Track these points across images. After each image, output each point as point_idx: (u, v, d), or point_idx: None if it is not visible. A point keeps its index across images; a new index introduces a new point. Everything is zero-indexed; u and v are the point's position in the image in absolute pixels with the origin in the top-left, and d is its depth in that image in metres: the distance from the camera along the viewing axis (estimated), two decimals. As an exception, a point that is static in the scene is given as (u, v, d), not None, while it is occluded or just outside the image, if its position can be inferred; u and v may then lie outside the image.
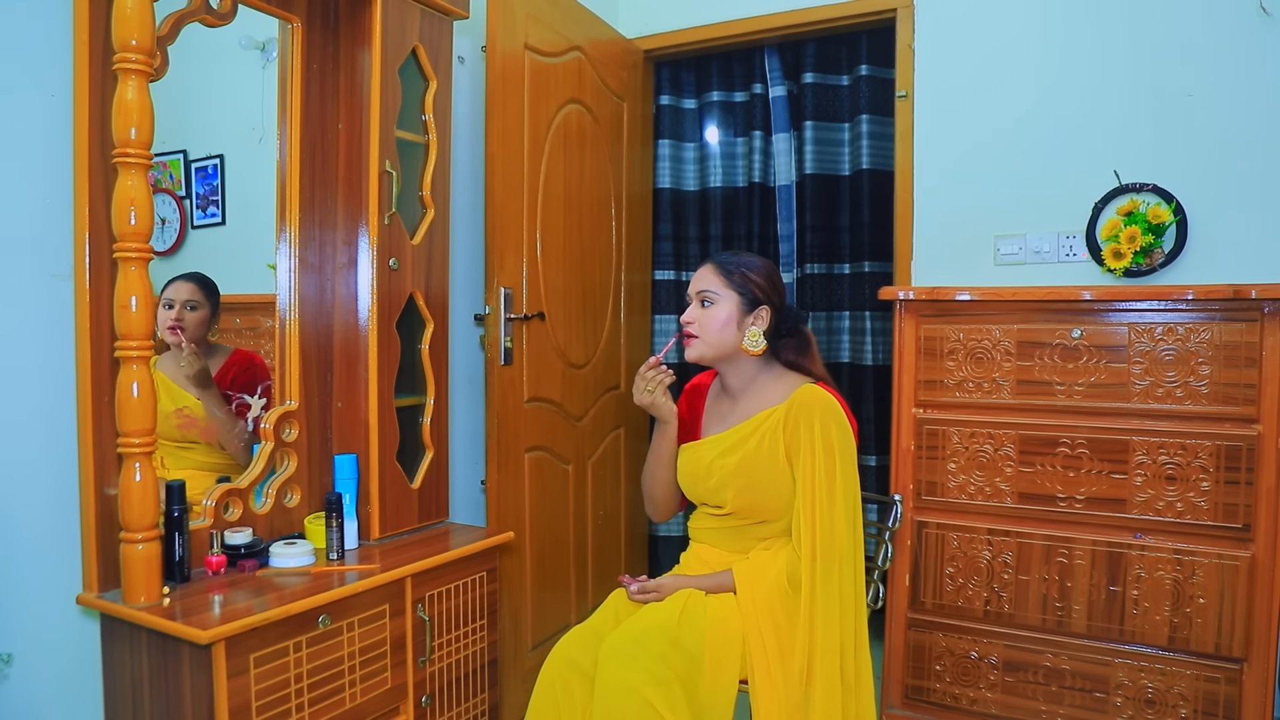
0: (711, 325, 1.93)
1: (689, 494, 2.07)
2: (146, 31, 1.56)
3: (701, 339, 1.94)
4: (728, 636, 1.78)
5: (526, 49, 2.68)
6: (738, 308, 1.93)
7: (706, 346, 1.94)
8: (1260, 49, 2.53)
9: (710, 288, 1.94)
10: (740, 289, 1.93)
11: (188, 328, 1.99)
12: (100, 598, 1.63)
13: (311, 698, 1.69)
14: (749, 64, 3.74)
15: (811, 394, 1.87)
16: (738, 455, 1.93)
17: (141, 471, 1.60)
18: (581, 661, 1.78)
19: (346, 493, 1.99)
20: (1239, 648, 2.14)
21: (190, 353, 1.97)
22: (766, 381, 1.98)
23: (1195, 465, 2.17)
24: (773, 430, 1.90)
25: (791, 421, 1.85)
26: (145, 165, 1.58)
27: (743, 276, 1.94)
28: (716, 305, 1.93)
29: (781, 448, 1.88)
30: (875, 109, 3.49)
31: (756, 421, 1.93)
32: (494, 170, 2.54)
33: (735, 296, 1.93)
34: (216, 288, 2.04)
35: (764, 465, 1.89)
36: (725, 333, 1.93)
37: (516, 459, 2.68)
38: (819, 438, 1.81)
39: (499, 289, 2.56)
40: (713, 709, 1.71)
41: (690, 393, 2.17)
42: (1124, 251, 2.57)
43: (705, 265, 1.99)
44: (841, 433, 1.83)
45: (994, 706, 2.40)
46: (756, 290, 1.94)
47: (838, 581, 1.78)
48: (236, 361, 2.09)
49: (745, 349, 1.94)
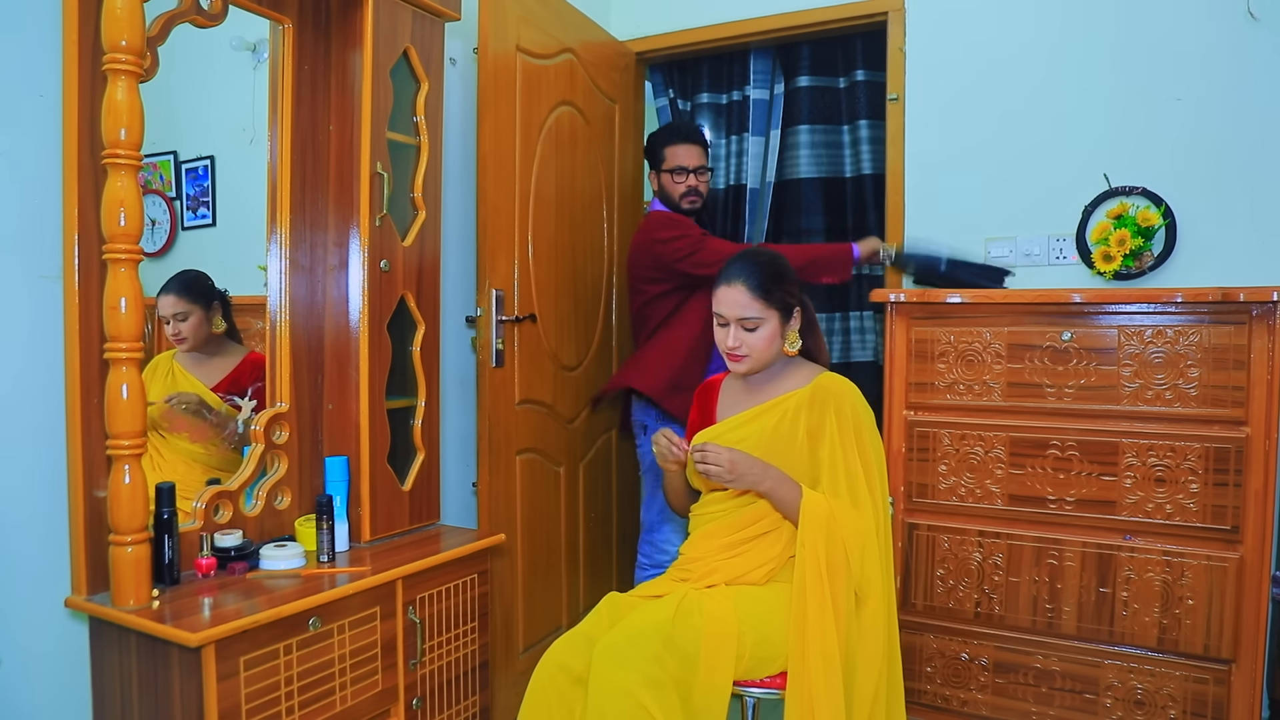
0: (759, 345, 1.95)
1: (702, 481, 2.05)
2: (136, 32, 1.56)
3: (751, 358, 1.96)
4: (723, 636, 1.77)
5: (518, 51, 2.68)
6: (778, 321, 1.96)
7: (756, 364, 1.97)
8: (1249, 53, 2.54)
9: (750, 314, 1.93)
10: (780, 305, 1.95)
11: (187, 337, 2.01)
12: (89, 600, 1.62)
13: (302, 700, 1.69)
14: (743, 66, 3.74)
15: (838, 382, 1.94)
16: (755, 427, 1.97)
17: (131, 473, 1.59)
18: (574, 666, 1.78)
19: (337, 495, 1.98)
20: (1227, 649, 2.15)
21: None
22: (788, 370, 2.03)
23: (1184, 467, 2.17)
24: (794, 410, 1.94)
25: (818, 404, 1.91)
26: (135, 166, 1.58)
27: (779, 290, 1.94)
28: (761, 328, 1.94)
29: (802, 429, 1.92)
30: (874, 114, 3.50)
31: (778, 401, 1.98)
32: (485, 172, 2.54)
33: (775, 314, 1.95)
34: (206, 283, 2.04)
35: (783, 440, 1.94)
36: (773, 347, 1.97)
37: (508, 461, 2.68)
38: (864, 417, 1.90)
39: (490, 291, 2.56)
40: (707, 710, 1.71)
41: (702, 391, 2.19)
42: (1114, 254, 2.59)
43: (735, 286, 1.94)
44: (870, 416, 1.93)
45: (984, 708, 2.41)
46: (789, 297, 1.97)
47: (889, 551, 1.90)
48: (248, 363, 2.09)
49: (786, 351, 2.00)
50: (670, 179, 2.93)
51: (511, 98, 2.65)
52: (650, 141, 3.03)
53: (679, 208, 2.94)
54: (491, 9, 2.53)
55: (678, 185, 2.92)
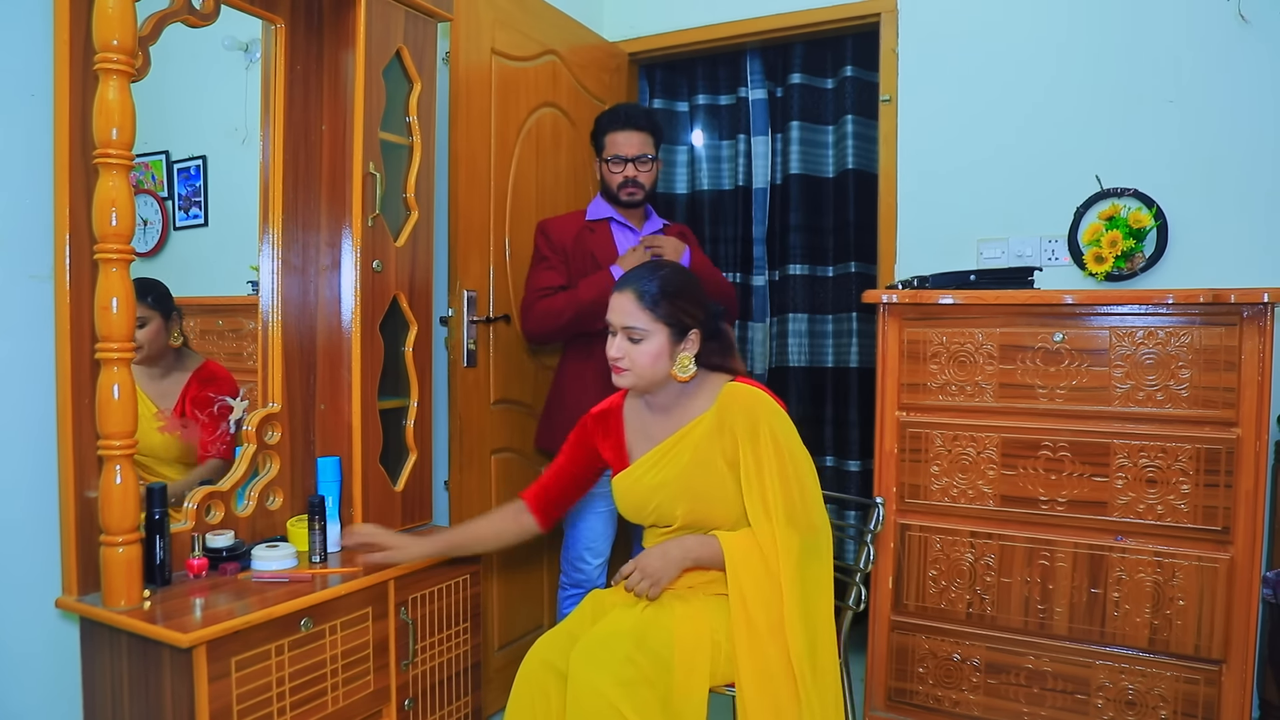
0: (642, 360, 1.81)
1: (635, 520, 1.98)
2: (128, 31, 1.55)
3: (632, 372, 1.83)
4: (696, 639, 1.76)
5: (494, 54, 2.68)
6: (667, 339, 1.81)
7: (638, 379, 1.84)
8: (1239, 55, 2.55)
9: (635, 324, 1.80)
10: (668, 320, 1.80)
11: (143, 345, 1.88)
12: (80, 601, 1.62)
13: (293, 701, 1.68)
14: (736, 67, 3.75)
15: (735, 393, 1.82)
16: (674, 469, 1.86)
17: (122, 474, 1.59)
18: (558, 663, 1.78)
19: (329, 495, 1.98)
20: (1218, 649, 2.15)
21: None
22: (692, 390, 1.89)
23: (1175, 468, 2.18)
24: (705, 437, 1.83)
25: (726, 427, 1.80)
26: (126, 166, 1.57)
27: (669, 304, 1.80)
28: (646, 340, 1.80)
29: (719, 456, 1.82)
30: (860, 110, 3.51)
31: (684, 431, 1.87)
32: (457, 175, 2.55)
33: (664, 329, 1.80)
34: (165, 290, 1.95)
35: (702, 474, 1.83)
36: (658, 366, 1.82)
37: (482, 460, 2.70)
38: (764, 431, 1.77)
39: (462, 291, 2.58)
40: (687, 710, 1.70)
41: (600, 419, 2.02)
42: (1105, 256, 2.59)
43: (623, 293, 1.82)
44: (780, 420, 1.81)
45: (976, 709, 2.41)
46: (684, 316, 1.82)
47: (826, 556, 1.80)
48: (197, 377, 2.00)
49: (675, 375, 1.84)
50: (607, 168, 2.64)
51: (486, 100, 2.66)
52: (594, 128, 2.72)
53: (618, 199, 2.65)
54: (465, 13, 2.53)
55: (614, 175, 2.62)
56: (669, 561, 1.82)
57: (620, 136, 2.62)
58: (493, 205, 2.70)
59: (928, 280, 2.46)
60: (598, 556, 2.61)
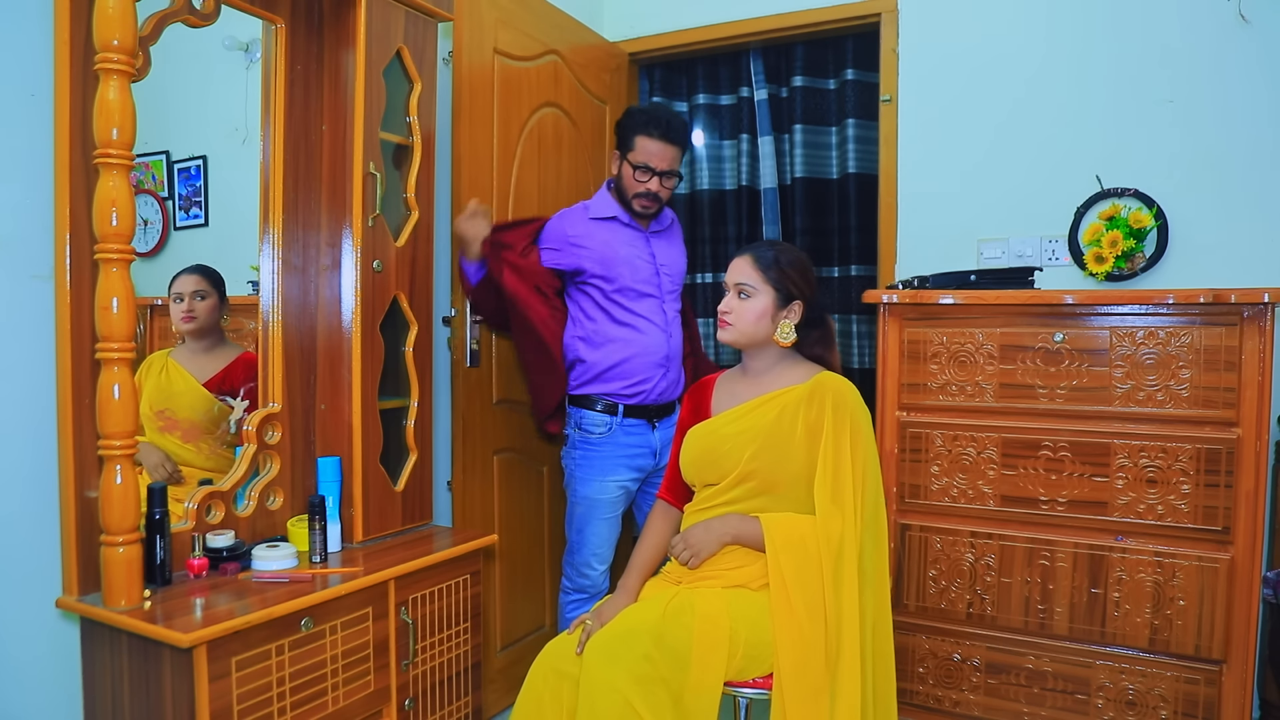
0: (747, 316, 1.98)
1: (697, 476, 2.04)
2: (129, 31, 1.55)
3: (736, 327, 1.99)
4: (715, 636, 1.76)
5: (496, 54, 2.68)
6: (773, 302, 1.97)
7: (739, 334, 2.00)
8: (1240, 55, 2.55)
9: (748, 281, 1.98)
10: (777, 284, 1.97)
11: (199, 316, 2.02)
12: (80, 601, 1.62)
13: (294, 701, 1.68)
14: (736, 67, 3.75)
15: (838, 380, 1.95)
16: (753, 420, 1.96)
17: (122, 474, 1.59)
18: (569, 669, 1.78)
19: (329, 495, 1.98)
20: (1218, 649, 2.15)
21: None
22: (790, 366, 2.03)
23: (1176, 468, 2.18)
24: (794, 404, 1.93)
25: (817, 401, 1.90)
26: (127, 166, 1.57)
27: (779, 272, 1.97)
28: (753, 298, 1.97)
29: (801, 424, 1.91)
30: (861, 113, 3.51)
31: (777, 394, 1.98)
32: (460, 174, 2.55)
33: (771, 291, 1.97)
34: (222, 278, 2.06)
35: (781, 436, 1.92)
36: (760, 325, 1.98)
37: (485, 460, 2.70)
38: (852, 421, 1.88)
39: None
40: (698, 710, 1.70)
41: (695, 391, 2.17)
42: (1106, 256, 2.59)
43: (742, 256, 2.01)
44: (867, 420, 1.93)
45: (976, 709, 2.41)
46: (792, 286, 1.98)
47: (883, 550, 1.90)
48: (243, 360, 2.09)
49: (777, 340, 1.99)
50: (632, 173, 2.49)
51: (489, 100, 2.66)
52: (624, 120, 2.55)
53: (630, 206, 2.53)
54: (468, 13, 2.53)
55: (637, 184, 2.49)
56: (711, 535, 1.94)
57: (655, 146, 2.47)
58: (495, 205, 2.70)
59: (928, 280, 2.47)
60: (603, 563, 2.61)
